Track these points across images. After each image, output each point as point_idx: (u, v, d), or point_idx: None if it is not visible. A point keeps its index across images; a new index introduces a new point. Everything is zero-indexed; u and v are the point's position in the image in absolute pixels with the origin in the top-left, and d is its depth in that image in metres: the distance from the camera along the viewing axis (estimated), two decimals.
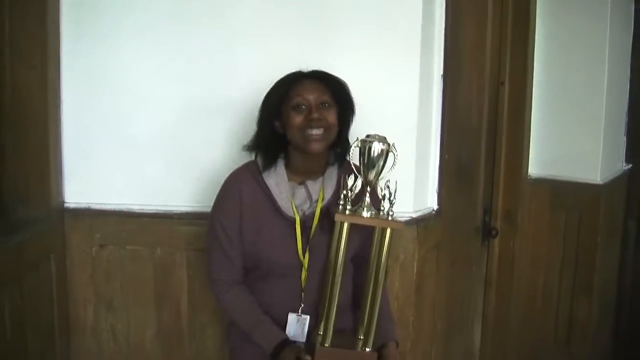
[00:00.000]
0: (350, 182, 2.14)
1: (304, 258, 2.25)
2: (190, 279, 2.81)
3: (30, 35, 2.57)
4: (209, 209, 2.38)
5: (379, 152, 2.12)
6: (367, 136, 2.15)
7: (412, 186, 2.75)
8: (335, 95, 2.23)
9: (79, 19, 2.71)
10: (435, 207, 2.96)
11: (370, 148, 2.12)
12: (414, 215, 2.77)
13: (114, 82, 2.74)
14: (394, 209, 2.14)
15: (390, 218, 2.14)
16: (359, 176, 2.16)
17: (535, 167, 3.96)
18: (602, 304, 4.17)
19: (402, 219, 2.50)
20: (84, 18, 2.71)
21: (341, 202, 2.15)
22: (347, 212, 2.13)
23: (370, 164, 2.13)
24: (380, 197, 2.14)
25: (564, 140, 3.92)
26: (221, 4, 2.70)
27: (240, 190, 2.27)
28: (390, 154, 2.15)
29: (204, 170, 2.75)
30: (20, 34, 2.56)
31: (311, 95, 2.19)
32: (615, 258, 4.45)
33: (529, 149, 3.86)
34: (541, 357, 4.13)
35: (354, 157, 2.18)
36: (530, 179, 3.95)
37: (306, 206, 2.28)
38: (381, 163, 2.14)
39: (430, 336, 3.05)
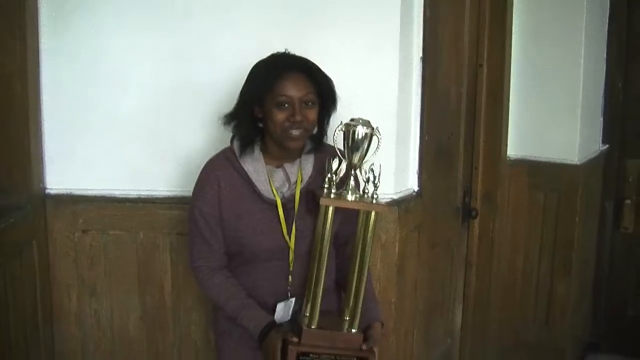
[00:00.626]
0: (334, 165, 2.15)
1: (289, 240, 2.26)
2: (174, 264, 2.82)
3: (8, 21, 2.54)
4: (190, 194, 2.38)
5: (363, 135, 2.13)
6: (351, 120, 2.15)
7: (392, 168, 2.76)
8: (320, 90, 2.23)
9: (57, 3, 2.69)
10: (416, 188, 2.98)
11: (354, 132, 2.12)
12: (395, 197, 2.79)
13: (94, 66, 2.73)
14: (377, 192, 2.15)
15: (374, 201, 2.15)
16: (343, 159, 2.17)
17: (514, 149, 3.99)
18: (580, 284, 4.24)
19: (383, 201, 2.52)
20: (62, 2, 2.69)
21: (326, 186, 2.16)
22: (332, 195, 2.14)
23: (355, 147, 2.14)
24: (364, 180, 2.16)
25: (542, 122, 3.95)
26: None
27: (217, 177, 2.27)
28: (374, 138, 2.16)
29: (185, 154, 2.75)
30: None
31: (296, 93, 2.17)
32: (593, 238, 4.51)
33: (507, 130, 3.91)
34: (521, 336, 4.18)
35: (337, 141, 2.19)
36: (509, 160, 3.99)
37: (285, 188, 2.28)
38: (365, 146, 2.14)
39: (412, 316, 3.09)
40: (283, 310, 2.30)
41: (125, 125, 2.77)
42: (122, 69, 2.74)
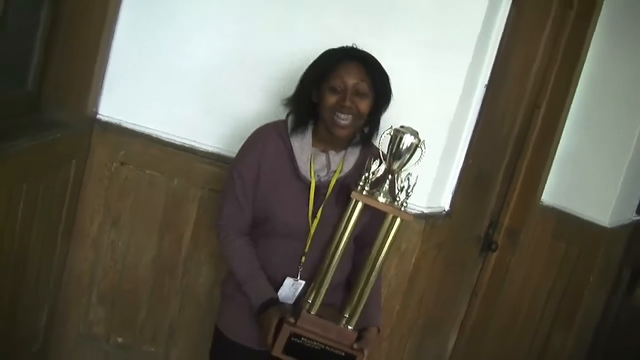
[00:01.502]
0: (374, 166, 2.18)
1: (311, 224, 2.29)
2: (199, 217, 2.88)
3: None
4: (232, 154, 2.43)
5: (409, 145, 2.15)
6: (401, 127, 2.18)
7: (430, 182, 2.80)
8: (374, 82, 2.26)
9: None
10: (447, 208, 3.02)
11: (401, 139, 2.15)
12: (425, 211, 2.82)
13: (171, 12, 2.79)
14: (408, 201, 2.18)
15: (403, 209, 2.17)
16: (383, 162, 2.19)
17: (549, 194, 3.98)
18: (577, 341, 4.23)
19: (413, 212, 2.53)
20: None
21: (360, 183, 2.18)
22: (365, 192, 2.17)
23: (398, 154, 2.16)
24: (398, 188, 2.18)
25: (583, 176, 3.94)
26: None
27: (263, 144, 2.32)
28: (419, 149, 2.18)
29: (235, 117, 2.80)
30: None
31: (350, 80, 2.22)
32: (602, 301, 4.49)
33: (547, 175, 3.91)
34: None
35: (383, 143, 2.21)
36: (542, 204, 3.99)
37: (323, 173, 2.32)
38: (408, 156, 2.17)
39: (409, 328, 3.12)
40: (289, 289, 2.33)
41: (187, 77, 2.82)
42: (196, 26, 2.80)
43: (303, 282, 2.33)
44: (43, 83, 2.67)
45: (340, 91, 2.22)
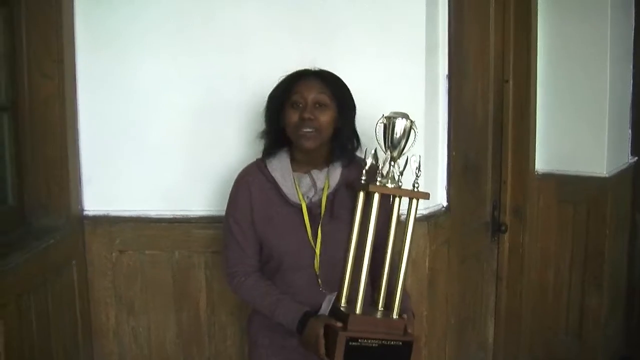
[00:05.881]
0: (369, 161, 2.21)
1: (315, 245, 2.29)
2: (208, 281, 2.88)
3: (47, 45, 2.64)
4: (224, 212, 2.44)
5: (402, 128, 2.20)
6: (391, 112, 2.22)
7: (422, 183, 2.75)
8: (334, 94, 2.30)
9: (93, 29, 2.78)
10: (445, 203, 3.02)
11: (394, 125, 2.20)
12: (424, 212, 2.83)
13: (128, 89, 2.82)
14: (418, 181, 2.22)
15: (416, 189, 2.22)
16: (379, 158, 2.22)
17: (542, 163, 4.02)
18: (612, 295, 4.22)
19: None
20: (97, 28, 2.78)
21: (363, 178, 2.20)
22: (378, 183, 2.19)
23: (395, 139, 2.21)
24: (399, 172, 2.22)
25: (569, 135, 3.98)
26: (230, 10, 2.77)
27: (248, 183, 2.36)
28: (412, 131, 2.23)
29: (217, 174, 2.80)
30: (37, 45, 2.63)
31: (308, 94, 2.27)
32: (624, 249, 4.49)
33: (535, 144, 3.93)
34: (554, 349, 4.18)
35: (378, 134, 2.23)
36: (538, 174, 4.02)
37: (311, 193, 2.34)
38: (404, 140, 2.22)
39: (443, 330, 3.11)
40: (328, 305, 2.28)
41: (159, 147, 2.84)
42: (155, 92, 2.82)
43: (335, 293, 2.28)
44: (23, 195, 2.70)
45: (302, 106, 2.27)
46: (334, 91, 2.31)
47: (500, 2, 3.63)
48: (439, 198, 3.00)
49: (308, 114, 2.24)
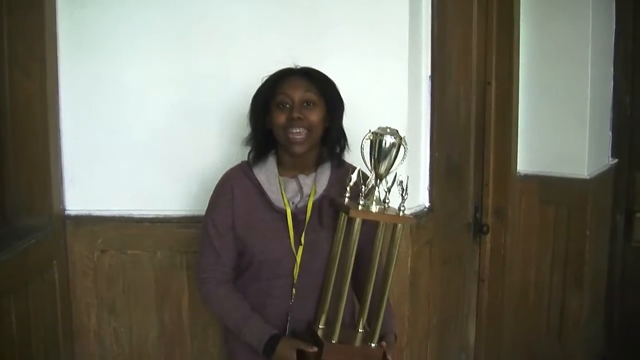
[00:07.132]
0: (354, 176, 2.14)
1: (296, 253, 2.26)
2: (190, 281, 2.86)
3: (29, 44, 2.62)
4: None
5: (390, 145, 2.11)
6: (379, 128, 2.13)
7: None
8: (321, 92, 2.26)
9: (76, 29, 2.76)
10: (427, 204, 3.03)
11: (381, 141, 2.10)
12: (406, 212, 2.81)
13: (110, 89, 2.80)
14: (404, 204, 2.13)
15: (402, 214, 2.13)
16: (364, 173, 2.18)
17: (524, 164, 4.04)
18: (593, 296, 4.25)
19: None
20: (80, 28, 2.76)
21: (347, 195, 2.15)
22: (360, 207, 2.11)
23: (382, 156, 2.11)
24: (385, 190, 2.13)
25: (551, 137, 4.01)
26: (213, 8, 2.76)
27: (231, 186, 2.31)
28: (401, 148, 2.14)
29: (199, 174, 2.79)
30: (18, 44, 2.61)
31: (295, 93, 2.22)
32: (605, 251, 4.53)
33: (517, 146, 3.95)
34: (535, 349, 4.20)
35: (364, 149, 2.16)
36: (519, 175, 4.04)
37: (297, 199, 2.30)
38: (392, 157, 2.13)
39: (425, 331, 3.12)
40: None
41: (141, 147, 2.83)
42: (137, 91, 2.80)
43: None
44: (5, 195, 2.67)
45: (288, 106, 2.22)
46: (321, 88, 2.26)
47: (483, 4, 3.65)
48: (422, 199, 3.01)
49: (297, 114, 2.19)
